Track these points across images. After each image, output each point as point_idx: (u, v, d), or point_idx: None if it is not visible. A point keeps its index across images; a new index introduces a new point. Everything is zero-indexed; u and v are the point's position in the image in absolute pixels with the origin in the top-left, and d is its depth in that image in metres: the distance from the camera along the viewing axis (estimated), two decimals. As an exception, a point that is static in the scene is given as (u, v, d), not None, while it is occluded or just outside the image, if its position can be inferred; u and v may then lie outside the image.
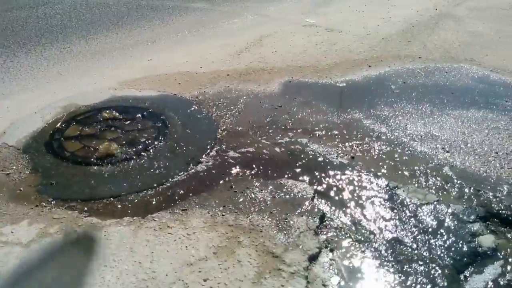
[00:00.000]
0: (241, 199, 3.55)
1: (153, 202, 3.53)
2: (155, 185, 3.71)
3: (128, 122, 4.63)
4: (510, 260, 3.14)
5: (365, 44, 6.68)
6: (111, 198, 3.56)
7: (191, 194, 3.61)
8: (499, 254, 3.19)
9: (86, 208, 3.44)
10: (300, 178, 3.85)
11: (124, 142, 4.29)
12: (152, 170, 3.90)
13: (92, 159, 4.03)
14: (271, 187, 3.71)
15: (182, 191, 3.65)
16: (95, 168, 3.93)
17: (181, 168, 3.92)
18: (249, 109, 5.01)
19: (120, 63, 6.19)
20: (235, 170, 3.94)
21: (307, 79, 5.73)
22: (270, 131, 4.57)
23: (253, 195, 3.60)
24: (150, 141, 4.30)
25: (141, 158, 4.07)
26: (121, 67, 6.04)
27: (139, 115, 4.74)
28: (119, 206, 3.49)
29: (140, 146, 4.22)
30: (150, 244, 3.07)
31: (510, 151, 4.22)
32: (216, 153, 4.18)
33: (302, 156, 4.16)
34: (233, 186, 3.71)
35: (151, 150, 4.16)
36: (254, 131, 4.56)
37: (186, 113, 4.82)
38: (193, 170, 3.92)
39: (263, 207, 3.47)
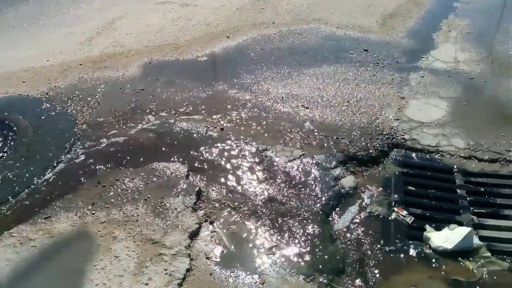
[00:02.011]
0: (112, 193, 3.36)
1: (9, 217, 3.15)
2: (9, 198, 3.30)
3: (-34, 134, 4.02)
4: (368, 194, 3.52)
5: (221, 16, 6.71)
6: (-44, 224, 3.09)
7: (53, 199, 3.30)
8: (359, 191, 3.55)
9: None
10: (172, 159, 3.78)
11: (-36, 158, 3.73)
12: (3, 182, 3.47)
13: None
14: (142, 174, 3.58)
15: (42, 198, 3.32)
16: None
17: (37, 174, 3.54)
18: (110, 98, 4.72)
19: None
20: (101, 164, 3.70)
21: (168, 57, 5.58)
22: (135, 116, 4.38)
23: (123, 186, 3.43)
24: (-4, 151, 3.80)
25: (-12, 171, 3.58)
26: (-51, 73, 5.18)
27: (-21, 124, 4.15)
28: (-32, 230, 3.05)
29: (-15, 159, 3.71)
30: (11, 263, 2.75)
31: (359, 98, 4.67)
32: (78, 150, 3.87)
33: (171, 136, 4.08)
34: (101, 181, 3.49)
35: (-1, 161, 3.69)
36: (118, 120, 4.32)
37: (36, 114, 4.35)
38: (52, 173, 3.58)
39: (136, 196, 3.34)
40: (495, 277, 2.80)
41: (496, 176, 3.66)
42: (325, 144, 3.98)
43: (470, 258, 2.93)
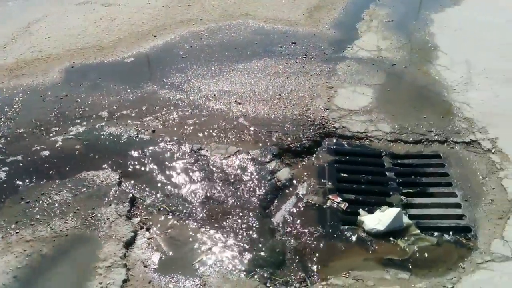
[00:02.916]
0: (37, 209, 3.14)
1: None
2: None
3: None
4: (304, 184, 3.58)
5: (147, 14, 6.49)
6: None
7: (-30, 222, 3.03)
8: (295, 182, 3.61)
9: None
10: (102, 166, 3.61)
11: None
12: None
13: None
14: (70, 185, 3.38)
15: (-43, 223, 3.03)
16: None
17: (-50, 196, 3.23)
18: (29, 107, 4.40)
19: None
20: (23, 179, 3.45)
21: (91, 60, 5.31)
22: (58, 124, 4.12)
23: (50, 200, 3.22)
24: None
25: None
26: None
27: None
28: None
29: None
30: None
31: (290, 91, 4.73)
32: (-5, 166, 3.58)
33: (99, 143, 3.89)
34: (24, 197, 3.25)
35: None
36: (40, 129, 4.04)
37: None
38: (-33, 194, 3.28)
39: (64, 209, 3.15)
40: (425, 252, 2.96)
41: (420, 156, 3.88)
42: (260, 139, 3.99)
43: (402, 237, 3.08)
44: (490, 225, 3.11)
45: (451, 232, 3.10)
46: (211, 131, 4.08)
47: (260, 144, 3.93)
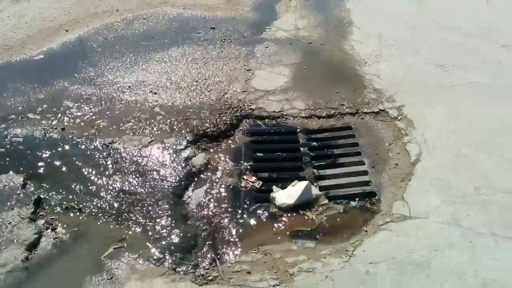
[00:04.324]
0: None
1: None
2: None
3: None
4: (220, 167, 3.59)
5: (59, 9, 6.18)
6: None
7: None
8: (210, 166, 3.61)
9: None
10: (5, 170, 3.43)
11: None
12: None
13: None
14: (-31, 193, 3.19)
15: None
16: None
17: None
18: None
19: None
20: None
21: (-4, 61, 5.01)
22: (-42, 131, 3.87)
23: None
24: None
25: None
26: None
27: None
28: None
29: None
30: None
31: (207, 76, 4.70)
32: None
33: (3, 145, 3.69)
34: None
35: None
36: None
37: None
38: None
39: (-40, 219, 2.97)
40: (332, 220, 3.07)
41: (332, 129, 4.00)
42: (175, 127, 3.94)
43: (311, 208, 3.17)
44: (393, 188, 3.27)
45: (357, 199, 3.23)
46: (125, 123, 3.98)
47: (175, 132, 3.88)
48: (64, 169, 3.50)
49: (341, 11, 6.06)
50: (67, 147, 3.70)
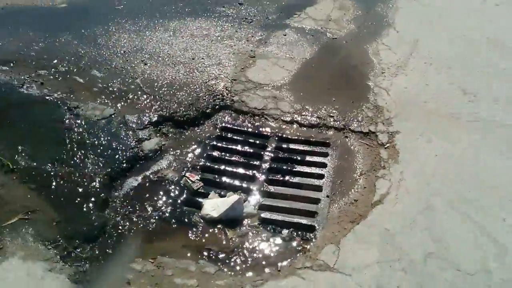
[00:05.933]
0: None
1: None
2: None
3: None
4: (169, 157, 3.35)
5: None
6: None
7: None
8: (160, 154, 3.38)
9: None
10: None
11: None
12: None
13: None
14: None
15: None
16: None
17: None
18: None
19: None
20: None
21: (23, 2, 5.13)
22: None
23: None
24: None
25: None
26: None
27: None
28: None
29: None
30: None
31: (206, 56, 4.41)
32: None
33: (-21, 90, 3.77)
34: None
35: None
36: None
37: None
38: None
39: None
40: (251, 247, 2.72)
41: (307, 142, 3.54)
42: (145, 104, 3.75)
43: (235, 228, 2.84)
44: (336, 228, 2.81)
45: (291, 229, 2.83)
46: (102, 89, 3.87)
47: (142, 109, 3.69)
48: (22, 125, 3.47)
49: (387, 9, 5.35)
50: (34, 102, 3.67)
